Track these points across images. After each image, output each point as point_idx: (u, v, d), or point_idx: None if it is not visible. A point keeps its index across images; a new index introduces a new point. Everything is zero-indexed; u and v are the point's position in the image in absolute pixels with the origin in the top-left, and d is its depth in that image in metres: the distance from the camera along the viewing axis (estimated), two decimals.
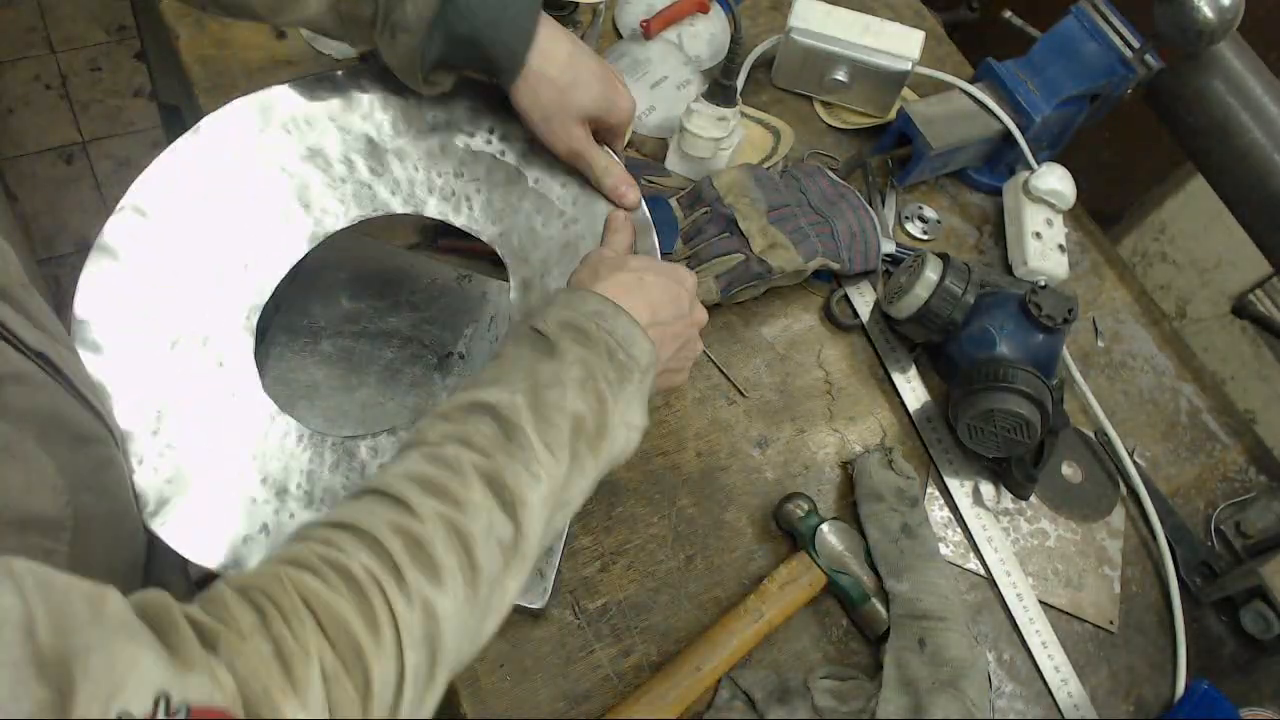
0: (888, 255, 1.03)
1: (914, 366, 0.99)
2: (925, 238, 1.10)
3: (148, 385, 0.69)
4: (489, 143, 0.81)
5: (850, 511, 0.89)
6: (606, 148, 0.81)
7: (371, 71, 0.80)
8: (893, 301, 0.95)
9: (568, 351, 0.60)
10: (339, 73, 0.81)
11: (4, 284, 0.61)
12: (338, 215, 0.77)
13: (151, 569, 0.69)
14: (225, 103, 0.81)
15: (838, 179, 1.04)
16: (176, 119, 1.23)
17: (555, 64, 0.75)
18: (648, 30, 1.11)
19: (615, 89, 0.78)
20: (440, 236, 0.91)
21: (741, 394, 0.93)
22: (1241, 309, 1.61)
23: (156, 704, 0.37)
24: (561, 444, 0.58)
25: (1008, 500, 0.94)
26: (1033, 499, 0.95)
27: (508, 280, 0.78)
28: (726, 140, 0.99)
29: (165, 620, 0.42)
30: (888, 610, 0.81)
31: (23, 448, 0.54)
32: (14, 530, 0.50)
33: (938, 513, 0.92)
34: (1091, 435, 1.01)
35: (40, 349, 0.60)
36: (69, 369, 0.63)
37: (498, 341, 0.87)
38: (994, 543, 0.91)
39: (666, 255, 0.92)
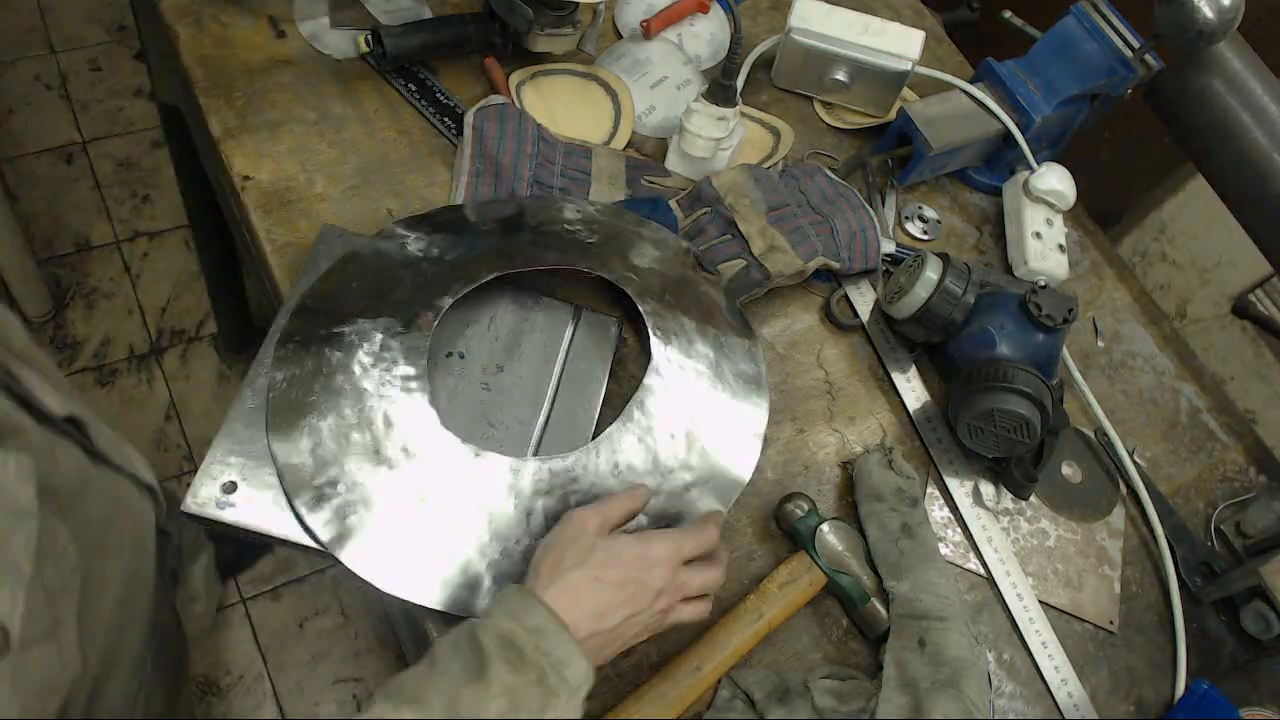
0: (888, 255, 1.03)
1: (914, 366, 0.99)
2: (925, 238, 1.10)
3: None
4: None
5: (850, 511, 0.89)
6: None
7: None
8: (893, 301, 0.95)
9: (496, 680, 0.60)
10: None
11: (20, 347, 0.64)
12: None
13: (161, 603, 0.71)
14: (225, 103, 0.81)
15: (836, 178, 1.05)
16: (176, 119, 1.23)
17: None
18: (648, 30, 1.11)
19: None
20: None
21: None
22: (1241, 309, 1.61)
23: None
24: None
25: (1008, 500, 0.94)
26: (1033, 499, 0.95)
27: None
28: (726, 140, 0.99)
29: None
30: (887, 610, 0.81)
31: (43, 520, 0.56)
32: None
33: (938, 513, 0.92)
34: (1091, 435, 1.01)
35: (66, 412, 0.62)
36: (94, 429, 0.66)
37: (495, 342, 0.87)
38: (994, 543, 0.91)
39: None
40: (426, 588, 0.73)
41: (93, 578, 0.61)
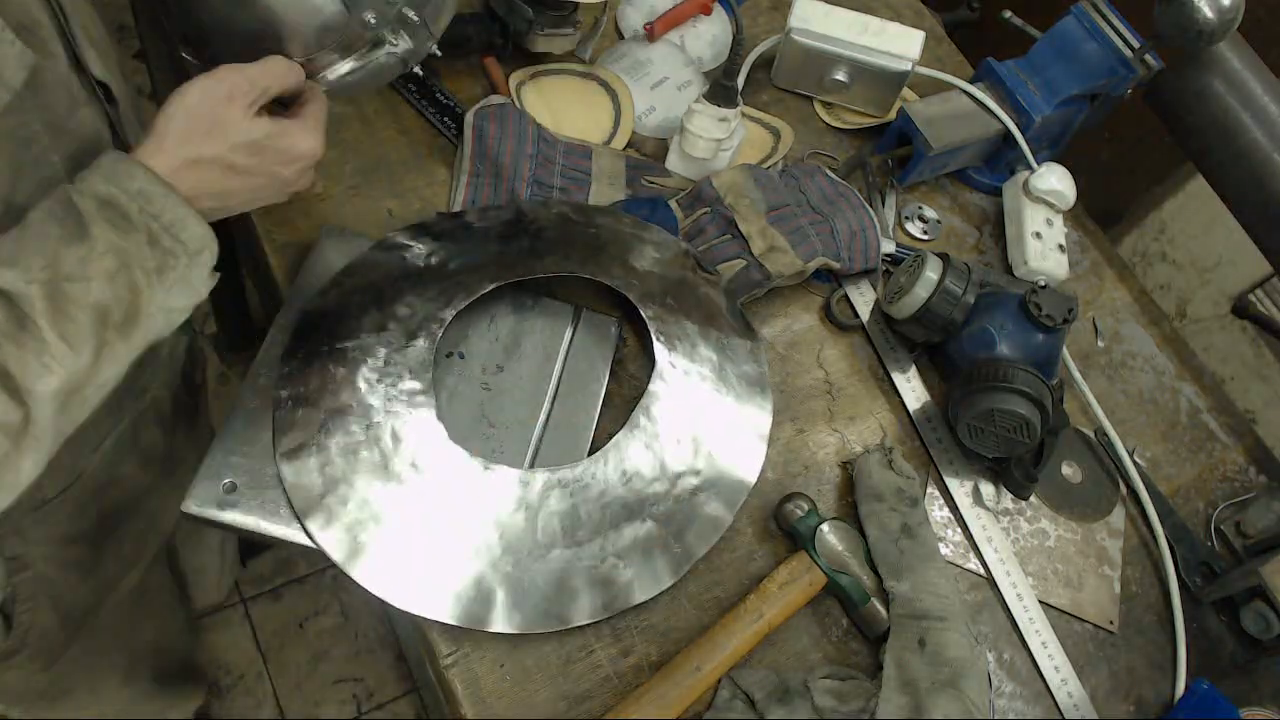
0: (888, 255, 1.03)
1: (914, 366, 0.99)
2: (925, 238, 1.10)
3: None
4: None
5: (850, 511, 0.89)
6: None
7: None
8: (893, 301, 0.95)
9: (100, 239, 0.57)
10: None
11: (87, 26, 0.68)
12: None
13: None
14: None
15: (837, 178, 1.05)
16: None
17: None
18: (652, 33, 1.11)
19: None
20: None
21: None
22: (1241, 309, 1.60)
23: None
24: (83, 337, 0.57)
25: (1008, 500, 0.94)
26: (1033, 499, 0.95)
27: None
28: (727, 141, 0.99)
29: None
30: (887, 610, 0.81)
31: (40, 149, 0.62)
32: None
33: (938, 513, 0.92)
34: (1091, 435, 1.01)
35: (104, 79, 0.67)
36: (124, 105, 0.71)
37: (496, 342, 0.87)
38: (994, 543, 0.91)
39: None
40: (440, 602, 0.74)
41: None
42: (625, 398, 0.90)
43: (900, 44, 1.08)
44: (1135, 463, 0.99)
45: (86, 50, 0.66)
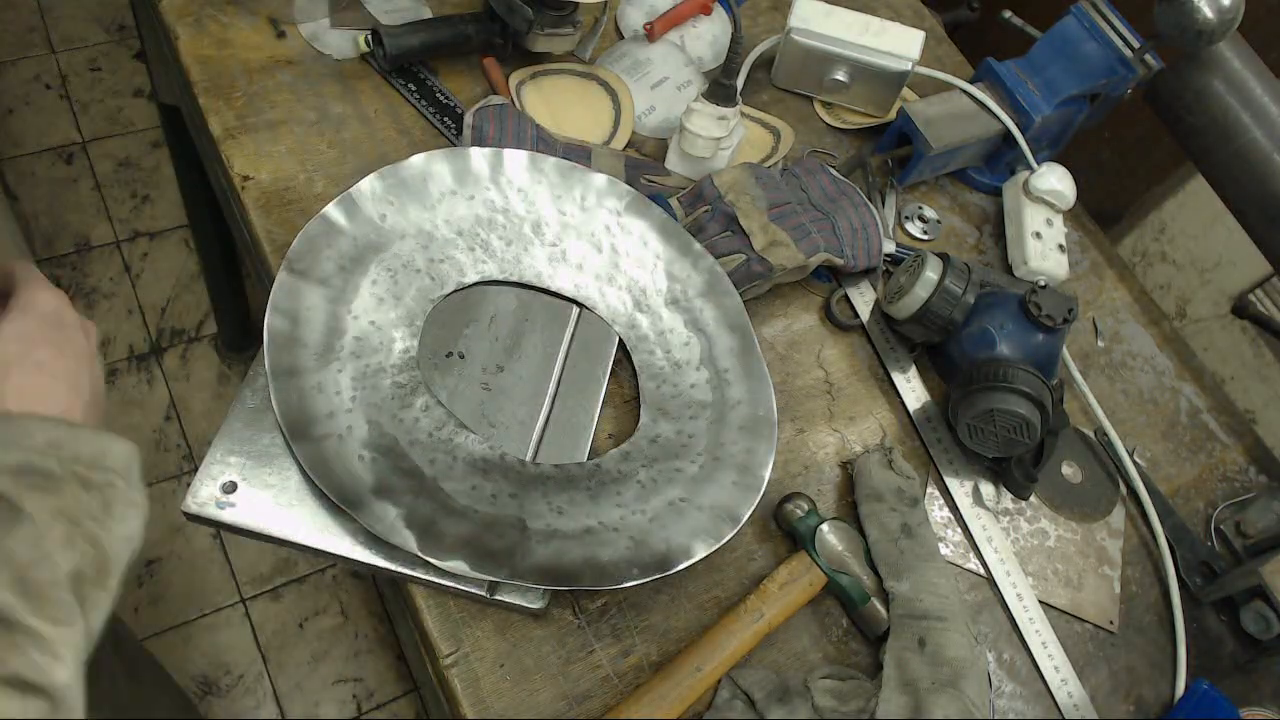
0: (888, 255, 1.03)
1: (914, 366, 0.99)
2: (925, 238, 1.10)
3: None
4: None
5: (850, 511, 0.89)
6: None
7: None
8: (893, 301, 0.95)
9: (37, 512, 0.53)
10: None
11: None
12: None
13: None
14: (225, 103, 0.81)
15: (839, 175, 1.05)
16: (176, 119, 1.23)
17: None
18: (652, 33, 1.11)
19: None
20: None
21: None
22: (1241, 309, 1.61)
23: None
24: (70, 609, 0.54)
25: (1008, 500, 0.94)
26: (1033, 499, 0.95)
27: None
28: (727, 140, 0.99)
29: None
30: (888, 610, 0.81)
31: None
32: None
33: (938, 513, 0.92)
34: (1091, 435, 1.01)
35: None
36: None
37: (496, 342, 0.87)
38: (994, 543, 0.91)
39: None
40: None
41: None
42: (625, 398, 0.90)
43: (900, 44, 1.08)
44: (1135, 463, 0.99)
45: None
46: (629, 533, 0.78)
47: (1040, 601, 0.89)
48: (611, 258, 0.93)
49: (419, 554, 0.72)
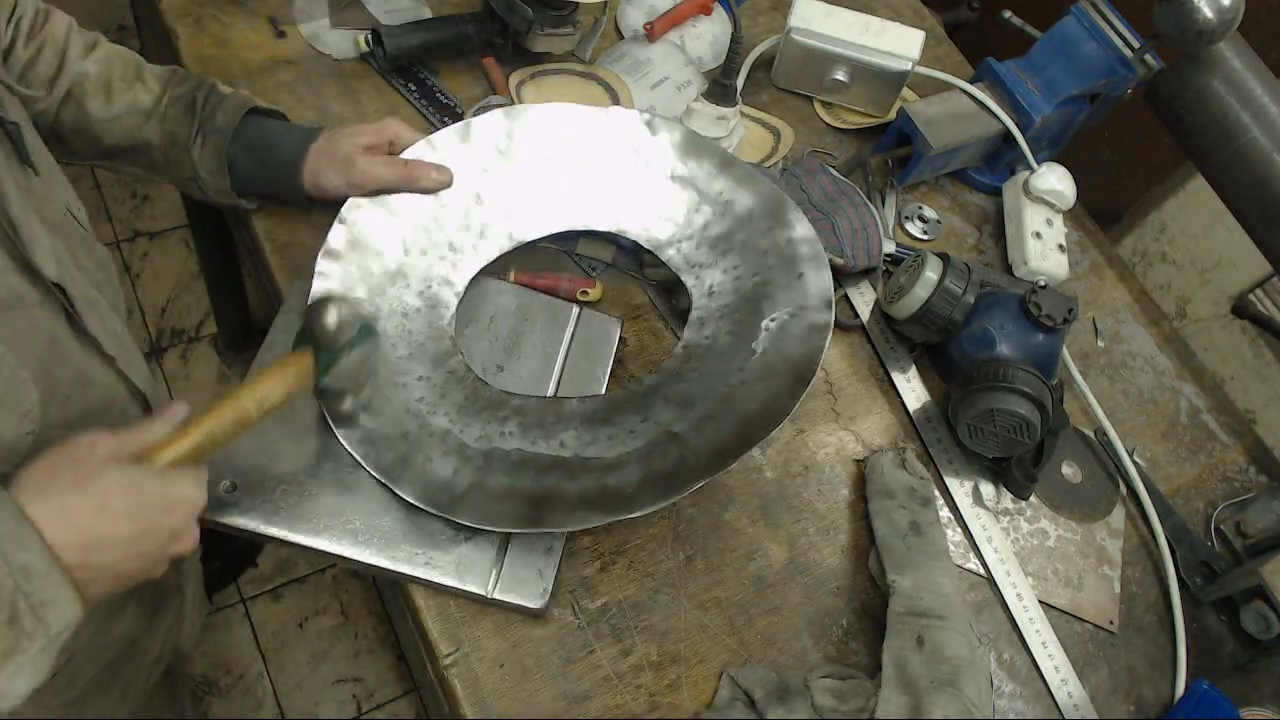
0: (888, 255, 1.03)
1: (914, 366, 0.99)
2: (925, 238, 1.10)
3: None
4: None
5: (855, 511, 0.89)
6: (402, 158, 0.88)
7: None
8: (893, 301, 0.95)
9: None
10: None
11: (54, 216, 0.66)
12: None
13: None
14: None
15: (839, 175, 1.05)
16: None
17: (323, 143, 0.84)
18: (651, 33, 1.11)
19: (363, 125, 0.87)
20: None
21: None
22: (1241, 309, 1.61)
23: None
24: None
25: (1008, 500, 0.94)
26: (1033, 499, 0.95)
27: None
28: (727, 140, 0.99)
29: None
30: (887, 607, 0.81)
31: (10, 370, 0.59)
32: None
33: (938, 513, 0.92)
34: (1091, 435, 1.01)
35: (60, 281, 0.63)
36: (87, 313, 0.67)
37: (496, 342, 0.87)
38: (994, 543, 0.91)
39: None
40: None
41: (43, 447, 0.60)
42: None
43: (900, 44, 1.08)
44: (1135, 463, 0.99)
45: (39, 249, 0.62)
46: (755, 375, 0.80)
47: (1040, 601, 0.89)
48: (555, 171, 0.92)
49: (633, 514, 0.73)
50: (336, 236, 0.84)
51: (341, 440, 0.77)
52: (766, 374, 0.80)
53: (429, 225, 0.88)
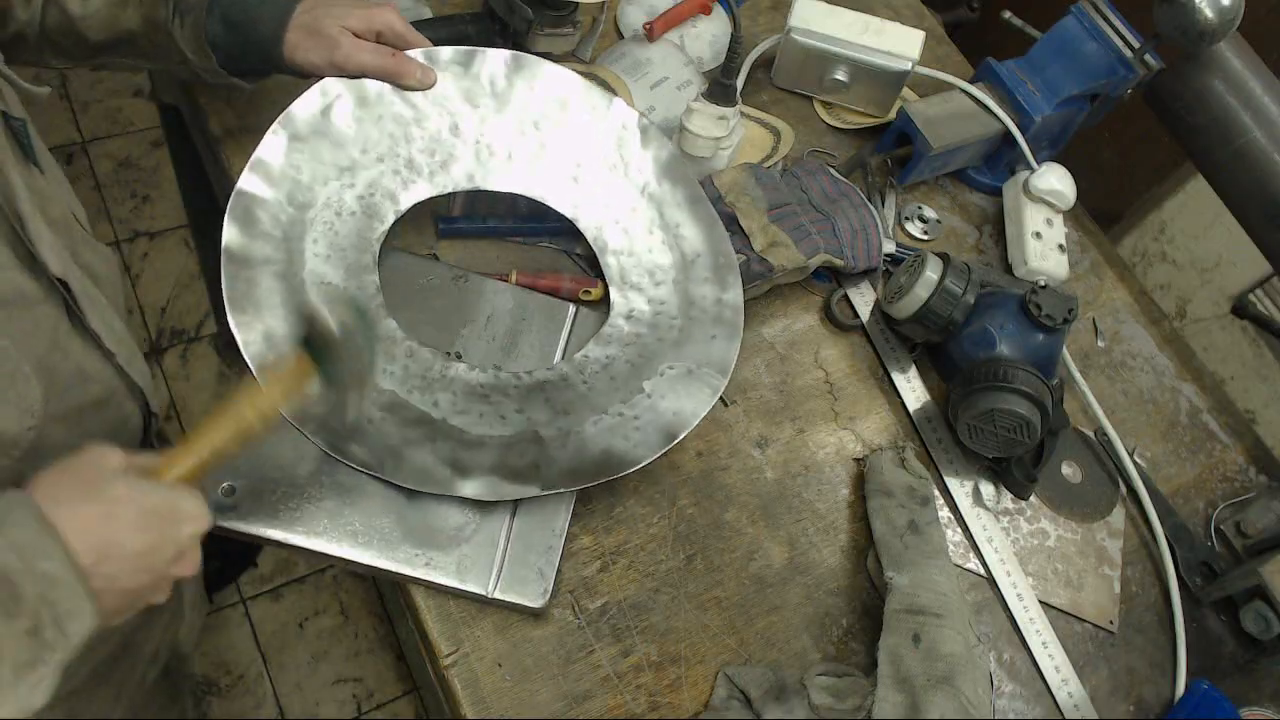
0: (888, 255, 1.03)
1: (914, 366, 0.99)
2: (925, 238, 1.10)
3: None
4: None
5: (853, 511, 0.89)
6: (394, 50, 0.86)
7: None
8: (893, 301, 0.95)
9: None
10: None
11: (57, 215, 0.66)
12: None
13: None
14: (225, 103, 0.81)
15: (839, 176, 1.05)
16: (176, 119, 1.23)
17: (305, 16, 0.81)
18: (651, 33, 1.11)
19: (353, 6, 0.84)
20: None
21: (724, 403, 0.92)
22: (1241, 309, 1.61)
23: None
24: None
25: (1008, 500, 0.94)
26: (1033, 499, 0.95)
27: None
28: (726, 140, 0.99)
29: None
30: (885, 605, 0.81)
31: (12, 365, 0.59)
32: None
33: (937, 512, 0.92)
34: (1091, 435, 1.01)
35: (64, 276, 0.64)
36: (88, 309, 0.67)
37: (494, 342, 0.87)
38: (994, 543, 0.91)
39: None
40: None
41: (45, 445, 0.61)
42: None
43: (900, 44, 1.08)
44: (1135, 463, 0.99)
45: (44, 245, 0.63)
46: (633, 413, 0.80)
47: (1040, 601, 0.89)
48: (537, 137, 0.92)
49: (455, 493, 0.74)
50: (305, 106, 0.84)
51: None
52: (644, 416, 0.81)
53: (396, 135, 0.87)
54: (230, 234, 0.80)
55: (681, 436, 0.79)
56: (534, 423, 0.80)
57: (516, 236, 0.96)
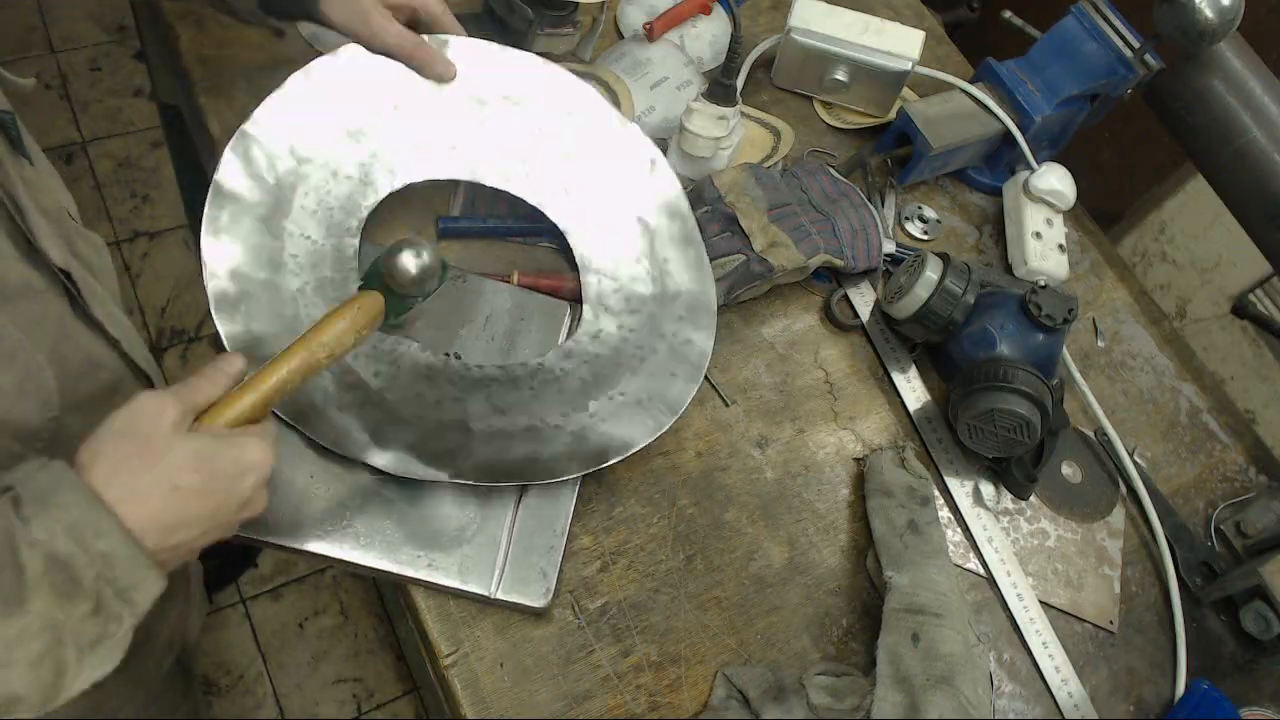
0: (888, 255, 1.03)
1: (914, 366, 0.99)
2: (925, 238, 1.10)
3: None
4: None
5: (853, 511, 0.89)
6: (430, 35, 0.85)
7: None
8: (893, 301, 0.95)
9: (37, 615, 0.49)
10: None
11: (49, 206, 0.66)
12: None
13: None
14: (225, 103, 0.81)
15: (839, 176, 1.05)
16: (176, 119, 1.23)
17: None
18: (651, 33, 1.11)
19: None
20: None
21: (725, 402, 0.92)
22: (1241, 309, 1.61)
23: None
24: None
25: (1008, 500, 0.94)
26: (1033, 499, 0.95)
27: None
28: (726, 140, 0.99)
29: None
30: (884, 603, 0.81)
31: (27, 356, 0.59)
32: None
33: (937, 512, 0.92)
34: (1091, 435, 1.01)
35: (65, 267, 0.64)
36: (90, 298, 0.67)
37: (493, 342, 0.87)
38: (994, 543, 0.91)
39: None
40: None
41: (65, 434, 0.62)
42: None
43: (900, 44, 1.08)
44: (1135, 463, 0.99)
45: (43, 235, 0.62)
46: (570, 428, 0.80)
47: (1040, 601, 0.89)
48: (547, 144, 0.92)
49: (365, 460, 0.74)
50: (328, 64, 0.84)
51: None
52: (578, 436, 0.80)
53: (413, 112, 0.87)
54: (225, 171, 0.79)
55: (610, 463, 0.78)
56: (468, 414, 0.79)
57: (516, 237, 0.96)
